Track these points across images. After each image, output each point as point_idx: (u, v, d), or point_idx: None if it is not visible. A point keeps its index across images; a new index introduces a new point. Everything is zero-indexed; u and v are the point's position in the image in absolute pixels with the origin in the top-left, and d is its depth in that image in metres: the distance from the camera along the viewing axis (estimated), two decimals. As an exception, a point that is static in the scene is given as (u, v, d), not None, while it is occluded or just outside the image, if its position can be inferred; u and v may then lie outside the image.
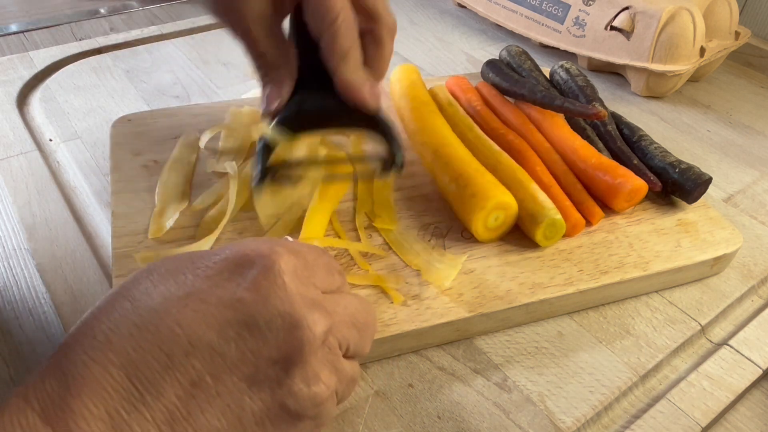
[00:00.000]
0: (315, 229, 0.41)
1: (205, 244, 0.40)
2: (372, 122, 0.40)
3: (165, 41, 0.69)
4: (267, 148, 0.39)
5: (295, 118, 0.39)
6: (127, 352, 0.24)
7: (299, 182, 0.42)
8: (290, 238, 0.32)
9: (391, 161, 0.40)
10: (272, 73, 0.39)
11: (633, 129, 0.51)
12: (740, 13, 0.78)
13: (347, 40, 0.37)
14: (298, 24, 0.39)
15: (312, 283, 0.28)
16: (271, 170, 0.39)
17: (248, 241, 0.28)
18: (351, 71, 0.38)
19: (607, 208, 0.46)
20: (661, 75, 0.64)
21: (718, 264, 0.45)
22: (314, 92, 0.40)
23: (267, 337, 0.25)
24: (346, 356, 0.29)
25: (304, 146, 0.45)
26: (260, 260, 0.26)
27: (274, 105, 0.39)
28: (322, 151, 0.47)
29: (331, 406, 0.28)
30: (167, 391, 0.24)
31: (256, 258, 0.26)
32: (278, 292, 0.25)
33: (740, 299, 0.44)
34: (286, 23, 0.41)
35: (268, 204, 0.42)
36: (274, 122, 0.39)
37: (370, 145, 0.49)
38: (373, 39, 0.40)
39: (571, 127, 0.50)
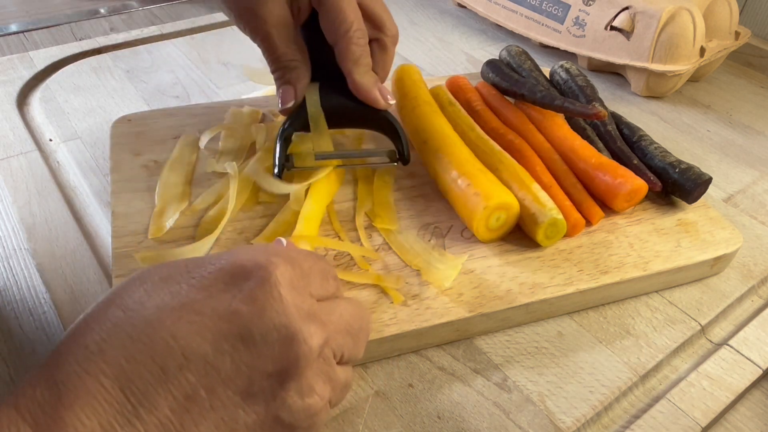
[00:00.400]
0: (309, 227, 0.41)
1: (205, 244, 0.40)
2: (379, 120, 0.45)
3: (165, 41, 0.69)
4: (285, 141, 0.43)
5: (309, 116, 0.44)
6: (120, 363, 0.23)
7: (314, 173, 0.45)
8: (284, 240, 0.32)
9: (398, 155, 0.45)
10: (288, 74, 0.43)
11: (633, 129, 0.51)
12: (740, 13, 0.78)
13: (360, 46, 0.42)
14: (310, 29, 0.44)
15: (308, 293, 0.27)
16: (289, 162, 0.44)
17: (244, 249, 0.28)
18: (363, 74, 0.43)
19: (607, 208, 0.46)
20: (661, 75, 0.64)
21: (718, 264, 0.45)
22: (326, 92, 0.44)
23: (262, 350, 0.25)
24: (340, 363, 0.29)
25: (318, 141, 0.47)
26: (256, 271, 0.26)
27: (291, 104, 0.43)
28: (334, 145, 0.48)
29: (324, 415, 0.28)
30: (161, 404, 0.23)
31: (253, 269, 0.26)
32: (274, 304, 0.25)
33: (740, 299, 0.44)
34: None
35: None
36: (291, 119, 0.44)
37: (374, 142, 0.51)
38: (379, 46, 0.45)
39: (571, 127, 0.50)
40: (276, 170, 0.43)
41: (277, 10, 0.42)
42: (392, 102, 0.44)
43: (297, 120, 0.44)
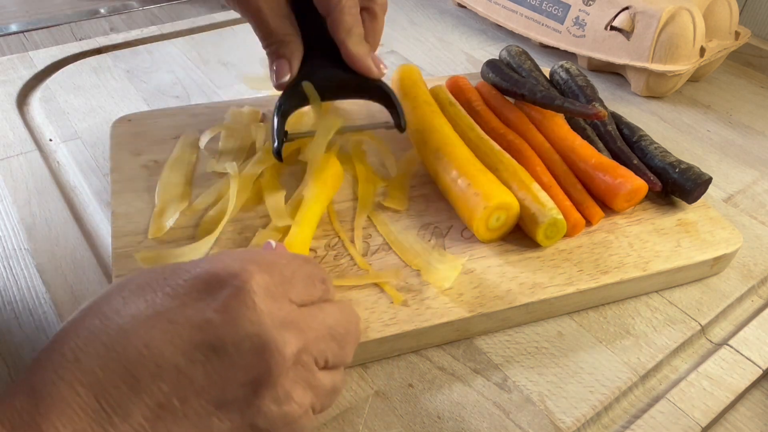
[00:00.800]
0: (303, 232, 0.41)
1: (205, 244, 0.40)
2: (374, 89, 0.45)
3: (165, 41, 0.69)
4: (283, 117, 0.44)
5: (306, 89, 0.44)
6: (94, 372, 0.24)
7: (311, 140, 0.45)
8: (273, 243, 0.32)
9: (395, 122, 0.45)
10: (282, 49, 0.43)
11: (633, 129, 0.51)
12: (740, 13, 0.77)
13: (352, 17, 0.42)
14: (298, 3, 0.44)
15: (287, 299, 0.27)
16: (287, 138, 0.44)
17: (221, 256, 0.28)
18: (356, 43, 0.43)
19: (607, 208, 0.46)
20: (661, 75, 0.64)
21: (718, 264, 0.45)
22: (319, 65, 0.44)
23: (235, 359, 0.25)
24: (325, 368, 0.29)
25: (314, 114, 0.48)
26: (231, 280, 0.26)
27: (286, 78, 0.43)
28: (331, 118, 0.48)
29: (306, 421, 0.28)
30: (134, 413, 0.23)
31: (227, 277, 0.26)
32: (247, 313, 0.25)
33: (740, 299, 0.44)
34: None
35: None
36: (287, 93, 0.44)
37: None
38: (369, 14, 0.45)
39: (571, 127, 0.50)
40: (275, 144, 0.43)
41: None
42: (385, 71, 0.45)
43: (293, 94, 0.44)
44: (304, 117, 0.47)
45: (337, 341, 0.29)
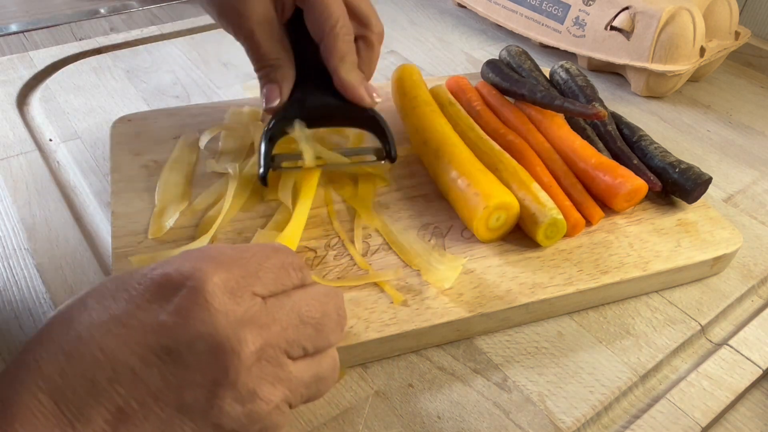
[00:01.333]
0: (291, 233, 0.41)
1: (199, 244, 0.40)
2: (365, 118, 0.44)
3: (165, 41, 0.69)
4: (270, 142, 0.43)
5: (296, 115, 0.43)
6: (54, 379, 0.24)
7: (299, 172, 0.45)
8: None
9: (385, 153, 0.44)
10: (273, 73, 0.42)
11: (633, 129, 0.51)
12: (740, 13, 0.77)
13: (345, 43, 0.42)
14: (293, 27, 0.43)
15: (249, 293, 0.27)
16: (274, 162, 0.43)
17: (179, 257, 0.28)
18: (349, 71, 0.42)
19: (607, 208, 0.46)
20: (661, 75, 0.64)
21: (718, 264, 0.45)
22: (311, 91, 0.44)
23: (189, 362, 0.25)
24: (306, 356, 0.28)
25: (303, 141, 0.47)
26: (185, 281, 0.26)
27: (276, 102, 0.42)
28: (320, 146, 0.47)
29: (277, 417, 0.27)
30: (95, 417, 0.24)
31: (179, 279, 0.26)
32: (200, 314, 0.25)
33: (740, 299, 0.44)
34: None
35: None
36: (276, 118, 0.43)
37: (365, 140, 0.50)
38: (365, 43, 0.45)
39: (571, 127, 0.50)
40: (261, 170, 0.42)
41: (260, 7, 0.41)
42: (378, 100, 0.43)
43: (282, 120, 0.43)
44: (292, 142, 0.46)
45: (313, 326, 0.28)
